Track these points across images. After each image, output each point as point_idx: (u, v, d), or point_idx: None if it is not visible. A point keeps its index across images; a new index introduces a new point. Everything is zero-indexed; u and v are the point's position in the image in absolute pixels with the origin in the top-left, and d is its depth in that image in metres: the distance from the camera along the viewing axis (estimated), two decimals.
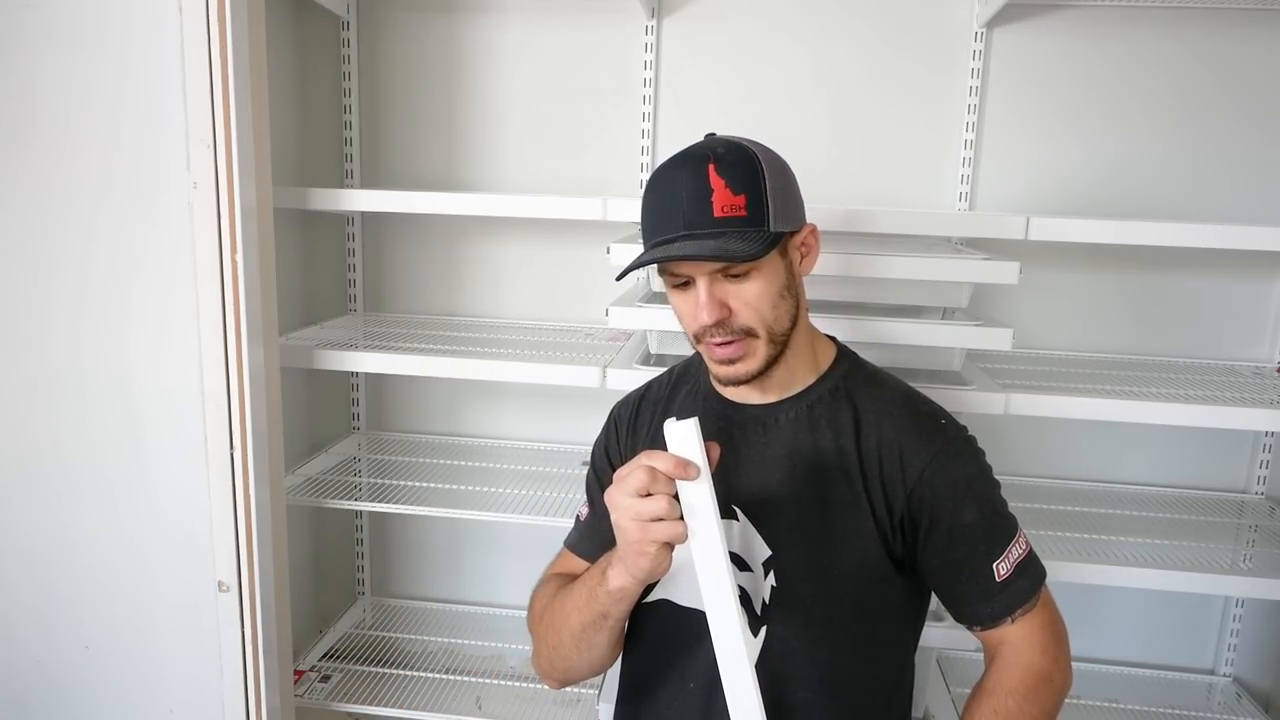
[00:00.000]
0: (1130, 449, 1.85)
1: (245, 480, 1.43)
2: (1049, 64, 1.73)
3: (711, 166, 0.93)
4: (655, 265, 1.01)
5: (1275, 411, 1.44)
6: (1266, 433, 1.80)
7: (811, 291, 1.08)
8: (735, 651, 0.92)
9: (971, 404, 1.43)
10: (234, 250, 1.36)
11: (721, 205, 0.92)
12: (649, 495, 0.87)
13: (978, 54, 1.73)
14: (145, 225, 1.38)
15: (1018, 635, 1.01)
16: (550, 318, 1.95)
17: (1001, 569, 0.99)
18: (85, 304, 1.42)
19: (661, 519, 0.87)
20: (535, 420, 2.00)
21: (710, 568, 0.89)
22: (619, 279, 1.04)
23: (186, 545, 1.47)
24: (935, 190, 1.80)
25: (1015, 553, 1.01)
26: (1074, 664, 1.07)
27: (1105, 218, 1.57)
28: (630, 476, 0.88)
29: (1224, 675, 1.90)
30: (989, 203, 1.79)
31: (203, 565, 1.47)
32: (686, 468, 0.87)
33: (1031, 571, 1.02)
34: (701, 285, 0.96)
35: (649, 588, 1.09)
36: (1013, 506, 1.05)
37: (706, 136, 1.01)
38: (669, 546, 0.89)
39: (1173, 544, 1.58)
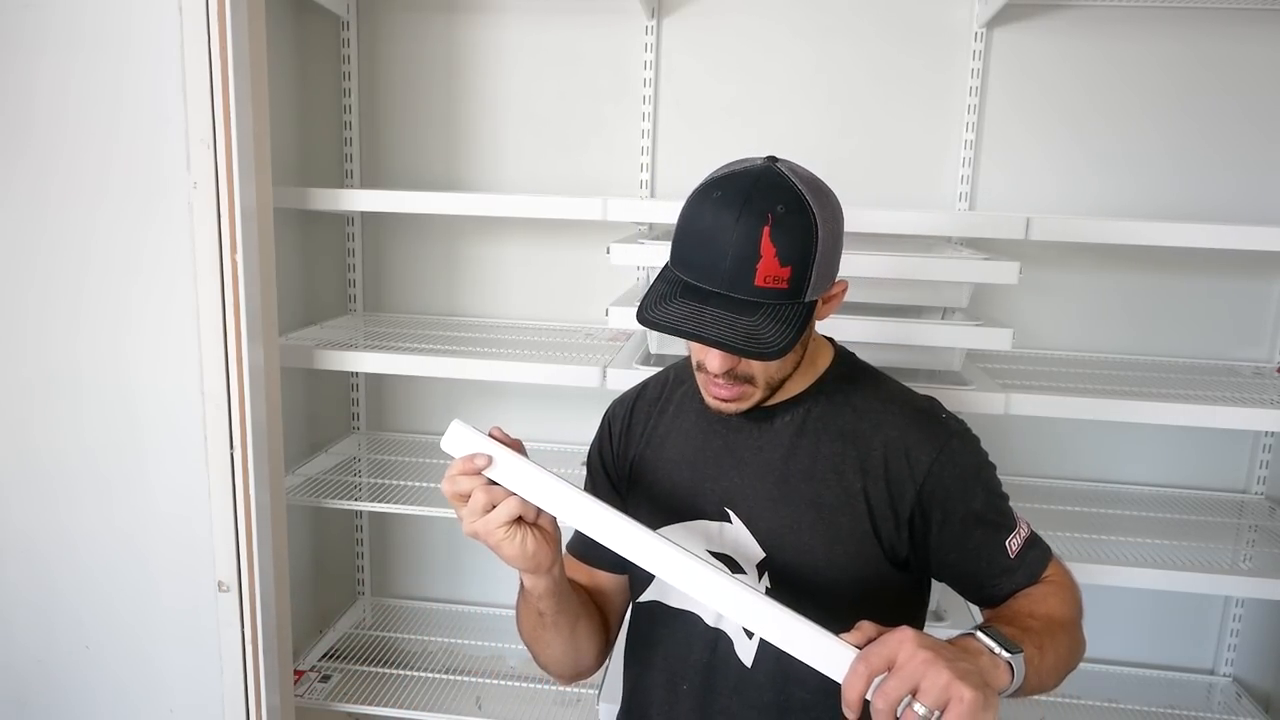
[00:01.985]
0: (1130, 449, 1.85)
1: (245, 480, 1.43)
2: (1049, 64, 1.73)
3: (767, 230, 0.88)
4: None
5: (1275, 411, 1.44)
6: (1266, 433, 1.80)
7: None
8: (707, 582, 0.87)
9: (971, 404, 1.43)
10: (234, 250, 1.36)
11: (765, 275, 0.88)
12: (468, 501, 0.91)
13: (978, 54, 1.73)
14: (145, 225, 1.38)
15: (1038, 590, 1.01)
16: (550, 318, 1.95)
17: (1013, 545, 1.01)
18: (84, 304, 1.42)
19: (491, 508, 0.90)
20: (535, 420, 2.00)
21: (581, 518, 0.91)
22: (641, 319, 0.95)
23: (186, 545, 1.47)
24: (935, 189, 1.80)
25: (1023, 532, 1.02)
26: None
27: (1106, 217, 1.57)
28: (448, 499, 0.93)
29: (1224, 675, 1.90)
30: (989, 202, 1.79)
31: (203, 565, 1.47)
32: (473, 459, 0.91)
33: (1041, 547, 1.03)
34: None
35: (641, 587, 1.09)
36: (1013, 506, 1.05)
37: (767, 159, 0.94)
38: (516, 526, 0.91)
39: (1173, 544, 1.58)
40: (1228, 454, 1.84)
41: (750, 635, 1.02)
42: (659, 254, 1.39)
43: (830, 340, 1.12)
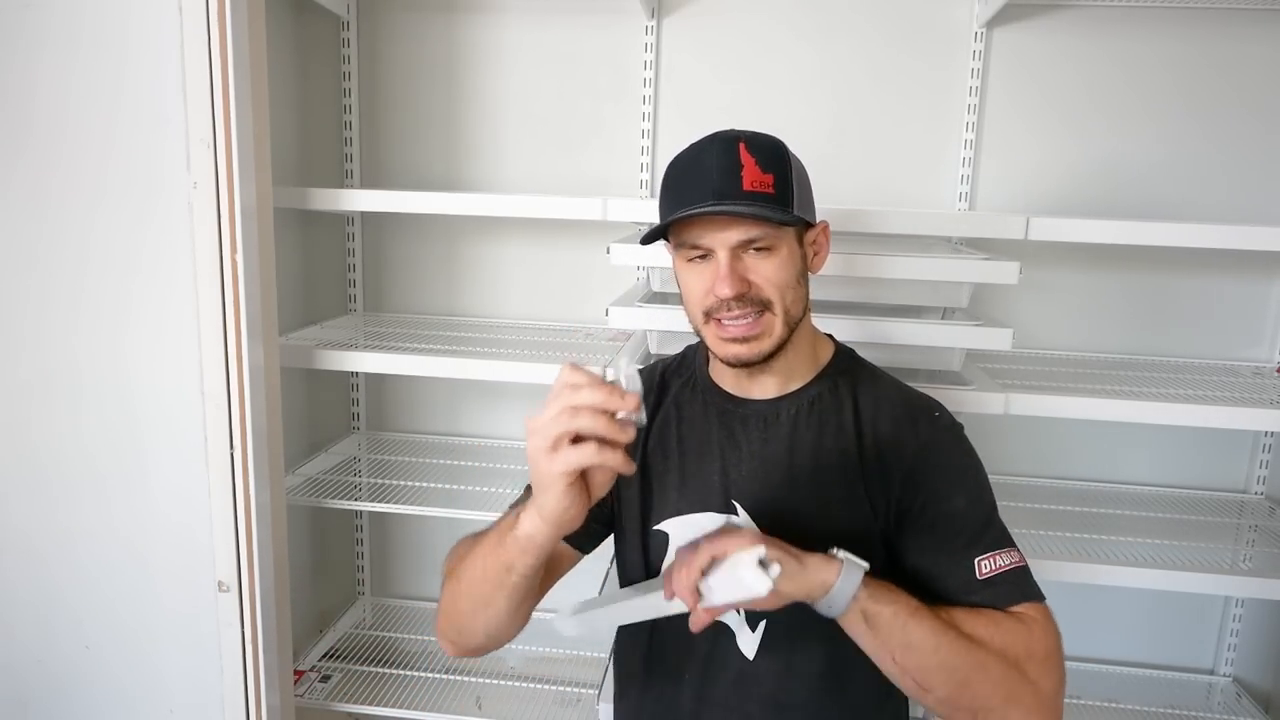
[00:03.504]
0: (1130, 449, 1.85)
1: (245, 480, 1.43)
2: (1049, 64, 1.73)
3: (742, 145, 0.95)
4: (668, 243, 1.01)
5: (1275, 411, 1.44)
6: (1266, 433, 1.80)
7: (812, 291, 1.08)
8: None
9: (971, 404, 1.43)
10: (234, 250, 1.36)
11: (751, 180, 0.93)
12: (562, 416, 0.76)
13: (978, 54, 1.72)
14: (144, 225, 1.38)
15: (997, 614, 0.93)
16: (550, 317, 1.95)
17: (984, 566, 0.94)
18: (84, 304, 1.42)
19: (572, 441, 0.76)
20: None
21: None
22: (644, 242, 1.02)
23: (186, 545, 1.47)
24: (935, 189, 1.80)
25: (1004, 560, 0.95)
26: (1074, 664, 1.04)
27: (1105, 218, 1.57)
28: (552, 401, 0.77)
29: (1224, 675, 1.90)
30: (989, 202, 1.79)
31: (203, 565, 1.47)
32: (621, 394, 0.75)
33: (1024, 584, 0.95)
34: (723, 257, 0.96)
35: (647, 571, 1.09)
36: (1013, 506, 1.05)
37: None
38: (579, 482, 0.79)
39: (1173, 544, 1.58)
40: (1228, 454, 1.84)
41: (753, 629, 1.02)
42: (659, 254, 1.39)
43: (830, 337, 1.13)
